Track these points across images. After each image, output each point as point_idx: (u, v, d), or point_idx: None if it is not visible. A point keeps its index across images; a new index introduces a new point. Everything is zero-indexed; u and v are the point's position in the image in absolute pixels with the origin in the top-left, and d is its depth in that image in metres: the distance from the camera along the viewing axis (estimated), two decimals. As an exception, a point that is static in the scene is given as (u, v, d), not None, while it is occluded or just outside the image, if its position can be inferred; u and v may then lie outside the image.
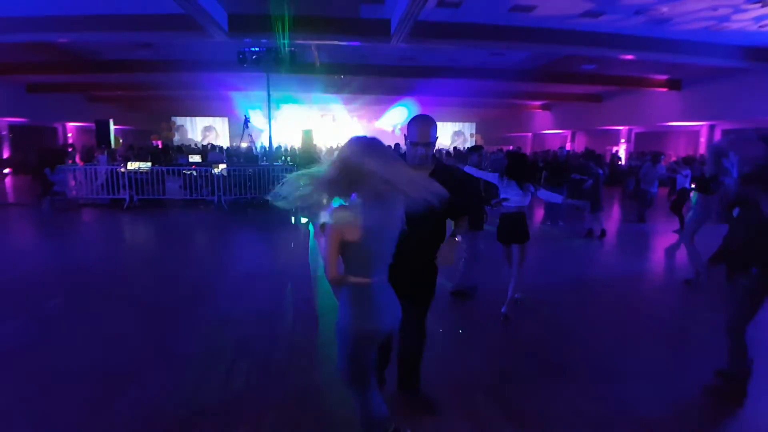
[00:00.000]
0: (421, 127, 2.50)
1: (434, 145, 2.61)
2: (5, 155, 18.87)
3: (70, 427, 2.74)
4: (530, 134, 30.34)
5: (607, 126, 22.00)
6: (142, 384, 3.18)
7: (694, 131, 18.61)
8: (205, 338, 3.95)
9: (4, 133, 19.57)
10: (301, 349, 3.74)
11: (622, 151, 21.80)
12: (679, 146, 19.39)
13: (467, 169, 4.83)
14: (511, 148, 23.54)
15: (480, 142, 25.91)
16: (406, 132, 2.58)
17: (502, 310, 4.44)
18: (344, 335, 2.04)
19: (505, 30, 10.38)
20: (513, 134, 30.82)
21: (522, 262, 4.52)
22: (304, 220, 9.15)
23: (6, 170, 16.45)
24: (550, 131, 27.47)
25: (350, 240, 1.91)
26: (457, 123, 32.02)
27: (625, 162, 20.05)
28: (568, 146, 23.55)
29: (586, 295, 5.40)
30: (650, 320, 4.65)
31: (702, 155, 12.20)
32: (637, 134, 21.80)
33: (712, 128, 17.60)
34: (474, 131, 32.37)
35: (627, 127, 21.56)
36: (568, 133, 26.10)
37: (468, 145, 27.96)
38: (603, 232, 8.60)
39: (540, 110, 26.73)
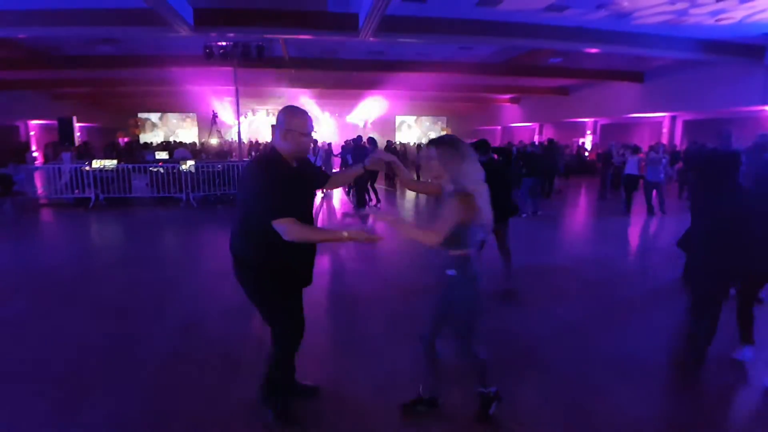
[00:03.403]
0: (309, 119, 2.53)
1: None
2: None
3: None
4: (500, 127, 30.79)
5: (574, 118, 22.52)
6: (109, 388, 3.12)
7: (657, 122, 19.24)
8: (174, 339, 3.91)
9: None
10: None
11: (588, 142, 22.35)
12: (644, 137, 20.03)
13: None
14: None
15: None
16: (286, 122, 2.45)
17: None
18: (472, 295, 2.48)
19: (472, 24, 10.50)
20: (483, 127, 31.23)
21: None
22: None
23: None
24: (519, 124, 27.93)
25: (469, 217, 2.32)
26: (427, 117, 32.28)
27: (592, 153, 20.59)
28: (536, 138, 24.05)
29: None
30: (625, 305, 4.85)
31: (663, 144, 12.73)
32: (602, 126, 22.40)
33: (673, 119, 18.24)
34: (445, 125, 32.68)
35: (593, 119, 22.13)
36: (536, 125, 26.59)
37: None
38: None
39: (509, 103, 27.14)
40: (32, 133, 22.63)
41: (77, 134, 13.66)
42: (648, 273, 6.18)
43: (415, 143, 25.87)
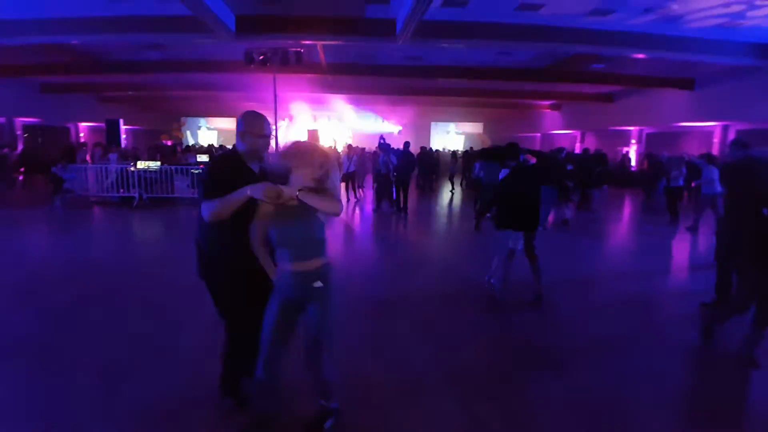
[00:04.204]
0: (266, 122, 2.66)
1: None
2: (18, 154, 19.13)
3: (73, 418, 2.78)
4: (539, 134, 30.08)
5: (618, 126, 21.75)
6: (143, 378, 3.22)
7: (707, 132, 18.31)
8: (211, 331, 3.92)
9: (18, 132, 19.85)
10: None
11: (632, 152, 21.52)
12: (692, 147, 19.10)
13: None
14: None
15: (488, 143, 25.74)
16: (244, 125, 2.60)
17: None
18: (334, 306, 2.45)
19: (512, 28, 10.31)
20: (522, 134, 30.60)
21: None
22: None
23: (20, 169, 16.72)
24: (560, 131, 27.20)
25: None
26: (464, 123, 31.93)
27: (638, 163, 19.82)
28: (577, 147, 23.40)
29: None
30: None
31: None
32: (648, 135, 21.52)
33: (725, 129, 17.31)
34: (481, 131, 32.25)
35: (638, 128, 21.29)
36: (577, 133, 25.84)
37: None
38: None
39: (549, 110, 26.50)
40: (82, 134, 23.75)
41: (123, 136, 14.20)
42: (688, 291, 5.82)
43: (449, 150, 25.67)
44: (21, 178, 16.42)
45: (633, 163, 20.80)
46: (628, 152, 21.56)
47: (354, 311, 4.65)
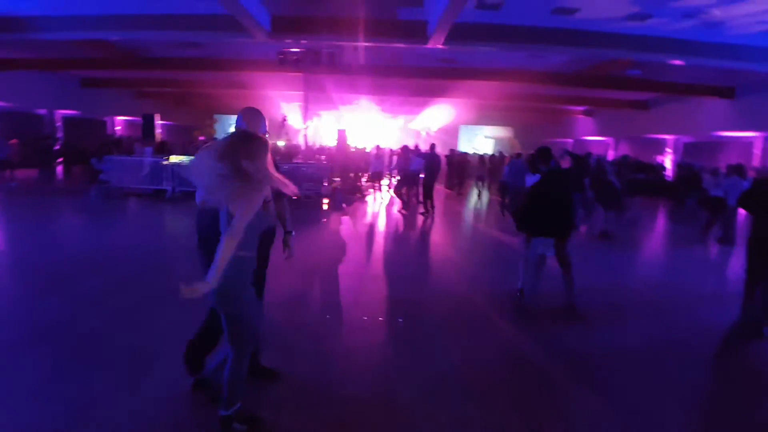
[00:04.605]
0: (263, 119, 2.79)
1: None
2: (58, 146, 19.95)
3: (99, 401, 2.87)
4: (572, 140, 29.50)
5: (653, 135, 21.16)
6: (167, 364, 3.28)
7: (747, 142, 17.64)
8: None
9: (58, 124, 20.70)
10: (313, 335, 3.76)
11: (668, 161, 20.91)
12: (731, 158, 18.42)
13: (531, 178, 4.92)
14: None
15: (518, 148, 25.41)
16: (244, 122, 2.72)
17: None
18: None
19: (547, 32, 10.16)
20: (553, 140, 30.07)
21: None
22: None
23: (58, 159, 17.44)
24: (593, 138, 26.61)
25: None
26: (493, 127, 31.58)
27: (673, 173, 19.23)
28: (611, 154, 22.88)
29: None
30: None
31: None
32: (685, 144, 20.86)
33: (767, 140, 16.65)
34: (511, 135, 31.83)
35: (674, 137, 20.67)
36: (611, 140, 25.24)
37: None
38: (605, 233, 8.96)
39: (582, 116, 25.98)
40: (118, 127, 24.57)
41: (158, 131, 14.61)
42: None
43: (476, 152, 25.41)
44: (60, 168, 17.10)
45: (667, 172, 20.21)
46: (663, 161, 20.96)
47: (377, 312, 4.67)
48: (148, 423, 2.69)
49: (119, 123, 24.83)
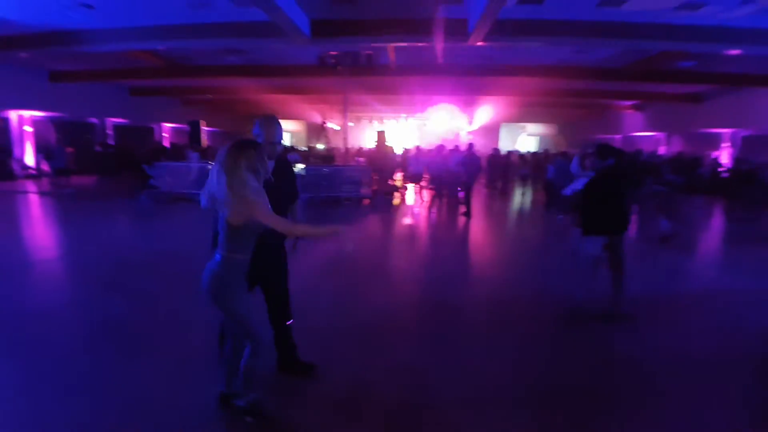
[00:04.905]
0: (279, 128, 2.85)
1: None
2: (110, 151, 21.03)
3: (148, 397, 2.97)
4: (620, 136, 28.35)
5: (708, 129, 20.05)
6: (213, 364, 3.32)
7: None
8: (268, 329, 4.05)
9: (109, 132, 21.76)
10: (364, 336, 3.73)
11: (724, 156, 19.74)
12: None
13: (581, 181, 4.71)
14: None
15: (563, 145, 24.72)
16: (261, 129, 2.81)
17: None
18: None
19: (593, 26, 9.80)
20: (600, 136, 28.98)
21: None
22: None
23: (111, 166, 18.30)
24: (642, 133, 25.46)
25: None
26: (536, 124, 30.82)
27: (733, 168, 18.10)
28: (662, 149, 21.89)
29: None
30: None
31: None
32: (743, 138, 19.63)
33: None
34: (555, 132, 30.99)
35: (731, 130, 19.50)
36: (662, 135, 24.09)
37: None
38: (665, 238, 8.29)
39: (631, 111, 24.94)
40: (165, 134, 25.57)
41: (203, 137, 15.06)
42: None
43: (519, 152, 24.88)
44: (112, 174, 17.93)
45: (723, 168, 19.10)
46: (718, 157, 19.82)
47: (419, 315, 4.61)
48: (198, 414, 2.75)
49: (166, 130, 25.83)
